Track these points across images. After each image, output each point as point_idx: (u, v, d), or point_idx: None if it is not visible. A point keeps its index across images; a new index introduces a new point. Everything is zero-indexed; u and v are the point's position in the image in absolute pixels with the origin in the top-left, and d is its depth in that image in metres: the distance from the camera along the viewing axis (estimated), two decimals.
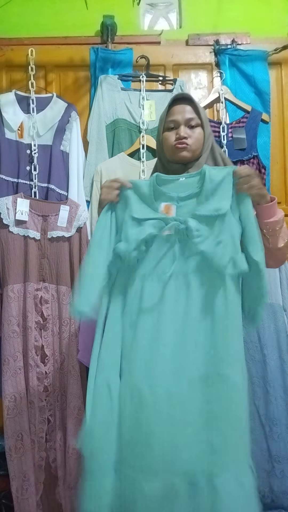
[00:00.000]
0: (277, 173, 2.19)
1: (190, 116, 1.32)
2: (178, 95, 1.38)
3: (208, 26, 2.25)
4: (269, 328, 1.85)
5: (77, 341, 1.81)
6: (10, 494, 1.74)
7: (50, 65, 2.16)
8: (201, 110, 1.34)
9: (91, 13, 2.05)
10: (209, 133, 1.36)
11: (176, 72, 2.22)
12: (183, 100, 1.35)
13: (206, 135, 1.34)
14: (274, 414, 1.79)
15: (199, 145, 1.33)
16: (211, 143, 1.37)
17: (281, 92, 2.22)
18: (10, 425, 1.73)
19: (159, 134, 1.38)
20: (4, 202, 1.85)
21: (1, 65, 2.15)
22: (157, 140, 1.41)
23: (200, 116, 1.33)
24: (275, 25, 2.25)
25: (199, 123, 1.33)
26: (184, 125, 1.32)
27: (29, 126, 2.02)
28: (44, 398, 1.80)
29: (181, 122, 1.32)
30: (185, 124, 1.32)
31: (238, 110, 2.12)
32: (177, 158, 1.33)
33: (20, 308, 1.83)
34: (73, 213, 1.91)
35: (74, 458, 1.75)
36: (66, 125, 2.04)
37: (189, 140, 1.31)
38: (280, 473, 1.76)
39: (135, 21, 2.28)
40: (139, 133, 2.05)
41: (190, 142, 1.31)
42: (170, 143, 1.33)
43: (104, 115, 2.06)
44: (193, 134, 1.32)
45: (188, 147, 1.31)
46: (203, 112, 1.35)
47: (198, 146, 1.33)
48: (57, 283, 1.87)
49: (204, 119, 1.34)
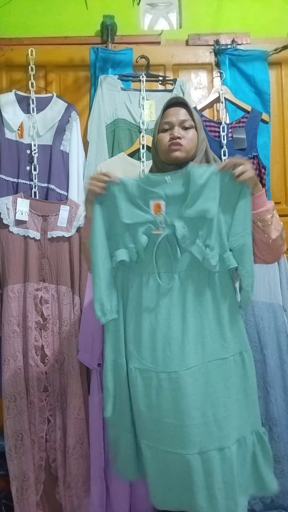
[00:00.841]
0: (277, 173, 2.19)
1: (184, 118, 1.35)
2: (173, 99, 1.40)
3: (208, 26, 2.25)
4: (269, 328, 1.85)
5: (77, 341, 1.81)
6: (10, 494, 1.74)
7: (50, 65, 2.16)
8: (195, 114, 1.37)
9: (91, 13, 2.05)
10: (203, 138, 1.38)
11: (176, 72, 2.21)
12: (178, 104, 1.38)
13: (200, 139, 1.36)
14: (274, 414, 1.79)
15: (193, 146, 1.35)
16: (205, 146, 1.39)
17: (281, 92, 2.21)
18: (10, 425, 1.73)
19: (154, 137, 1.40)
20: (4, 202, 1.85)
21: (1, 65, 2.14)
22: (152, 142, 1.43)
23: (194, 119, 1.36)
24: (275, 25, 2.25)
25: (193, 125, 1.36)
26: (178, 126, 1.34)
27: (29, 126, 2.02)
28: (44, 398, 1.80)
29: (175, 123, 1.35)
30: (179, 125, 1.34)
31: (238, 110, 2.12)
32: (171, 159, 1.35)
33: (20, 308, 1.83)
34: (73, 213, 1.91)
35: (74, 458, 1.75)
36: (66, 125, 2.04)
37: (183, 140, 1.33)
38: (280, 473, 1.76)
39: (135, 21, 2.28)
40: (139, 133, 2.05)
41: (184, 142, 1.33)
42: (164, 144, 1.35)
43: (104, 115, 2.06)
44: (187, 135, 1.34)
45: (182, 147, 1.33)
46: (196, 116, 1.38)
47: (192, 146, 1.35)
48: (57, 283, 1.87)
49: (197, 123, 1.36)
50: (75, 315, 1.85)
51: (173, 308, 1.26)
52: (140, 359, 1.27)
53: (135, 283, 1.31)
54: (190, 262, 1.26)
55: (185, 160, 1.34)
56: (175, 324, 1.25)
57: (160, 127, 1.38)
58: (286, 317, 1.89)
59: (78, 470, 1.76)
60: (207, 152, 1.40)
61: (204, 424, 1.22)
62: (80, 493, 1.76)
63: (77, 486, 1.76)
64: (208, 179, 1.22)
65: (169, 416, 1.23)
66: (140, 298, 1.29)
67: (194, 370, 1.23)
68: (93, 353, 1.76)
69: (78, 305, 1.87)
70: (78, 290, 1.88)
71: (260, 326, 1.85)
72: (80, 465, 1.76)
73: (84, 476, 1.76)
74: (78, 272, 1.89)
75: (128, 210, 1.27)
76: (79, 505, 1.75)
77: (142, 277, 1.30)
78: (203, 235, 1.24)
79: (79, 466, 1.76)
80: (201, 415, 1.22)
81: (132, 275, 1.32)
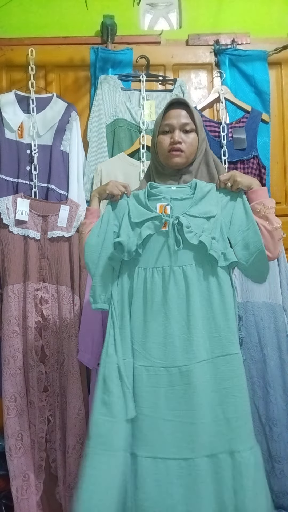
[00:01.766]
0: (277, 173, 2.19)
1: (185, 121, 1.34)
2: (174, 99, 1.39)
3: (208, 26, 2.26)
4: (269, 328, 1.85)
5: (77, 341, 1.81)
6: (10, 494, 1.74)
7: (50, 65, 2.16)
8: (196, 115, 1.36)
9: (91, 13, 2.05)
10: (203, 138, 1.38)
11: (176, 72, 2.22)
12: (179, 105, 1.37)
13: (200, 140, 1.36)
14: (274, 414, 1.79)
15: (193, 150, 1.35)
16: (204, 147, 1.39)
17: (281, 92, 2.22)
18: (10, 425, 1.73)
19: (154, 137, 1.40)
20: (4, 202, 1.85)
21: (1, 65, 2.15)
22: (152, 143, 1.42)
23: (195, 121, 1.35)
24: (275, 25, 2.26)
25: (194, 128, 1.35)
26: (179, 130, 1.34)
27: (29, 126, 2.02)
28: (44, 398, 1.80)
29: (176, 126, 1.34)
30: (180, 129, 1.34)
31: (238, 110, 2.12)
32: (170, 164, 1.36)
33: (20, 308, 1.83)
34: (73, 213, 1.91)
35: (74, 458, 1.75)
36: (66, 125, 2.04)
37: (183, 145, 1.33)
38: (280, 473, 1.76)
39: (135, 21, 2.28)
40: (139, 133, 2.06)
41: (184, 147, 1.33)
42: (164, 147, 1.35)
43: (104, 115, 2.06)
44: (187, 139, 1.34)
45: (182, 153, 1.33)
46: (198, 117, 1.37)
47: (192, 151, 1.35)
48: (57, 283, 1.87)
49: (198, 124, 1.36)
50: (75, 315, 1.85)
51: (179, 303, 1.26)
52: (147, 355, 1.25)
53: (139, 278, 1.31)
54: (194, 256, 1.27)
55: (185, 165, 1.36)
56: (182, 318, 1.25)
57: (160, 129, 1.37)
58: (286, 317, 1.89)
59: (78, 470, 1.75)
60: (207, 153, 1.40)
61: (214, 423, 1.19)
62: None
63: (77, 486, 1.75)
64: (209, 191, 1.32)
65: (178, 414, 1.20)
66: (145, 293, 1.29)
67: (203, 364, 1.22)
68: (93, 353, 1.76)
69: (78, 305, 1.87)
70: (78, 290, 1.88)
71: (260, 326, 1.85)
72: (80, 465, 1.76)
73: None
74: (78, 272, 1.89)
75: (136, 212, 1.33)
76: None
77: (146, 272, 1.30)
78: (208, 229, 1.27)
79: (79, 466, 1.75)
80: (211, 411, 1.20)
81: (136, 270, 1.32)
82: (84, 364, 1.81)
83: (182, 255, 1.28)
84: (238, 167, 2.04)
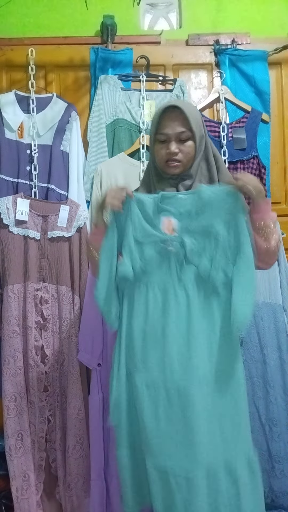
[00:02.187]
0: (277, 173, 2.19)
1: (180, 129, 1.30)
2: (168, 105, 1.33)
3: (208, 26, 2.25)
4: (269, 328, 1.85)
5: (77, 341, 1.81)
6: (10, 494, 1.74)
7: (50, 65, 2.16)
8: (191, 119, 1.30)
9: (91, 13, 2.05)
10: (202, 136, 1.35)
11: (176, 72, 2.21)
12: (174, 108, 1.31)
13: (197, 145, 1.33)
14: (274, 414, 1.79)
15: (190, 157, 1.33)
16: (204, 145, 1.36)
17: (281, 92, 2.22)
18: (10, 425, 1.73)
19: (151, 141, 1.37)
20: (4, 202, 1.85)
21: (1, 65, 2.14)
22: (150, 146, 1.40)
23: (191, 127, 1.30)
24: (275, 25, 2.26)
25: (190, 135, 1.31)
26: (175, 140, 1.31)
27: (29, 126, 2.02)
28: (44, 398, 1.81)
29: (171, 137, 1.31)
30: (176, 139, 1.31)
31: (238, 110, 2.12)
32: (169, 172, 1.35)
33: (20, 308, 1.83)
34: (73, 213, 1.91)
35: (74, 458, 1.75)
36: (66, 125, 2.04)
37: (180, 155, 1.31)
38: (280, 473, 1.76)
39: (135, 21, 2.28)
40: (139, 133, 2.06)
41: (181, 157, 1.32)
42: (161, 157, 1.34)
43: (104, 115, 2.06)
44: (184, 148, 1.31)
45: (180, 163, 1.32)
46: (194, 121, 1.31)
47: (190, 158, 1.33)
48: (57, 283, 1.87)
49: (195, 129, 1.31)
50: (75, 315, 1.85)
51: (179, 321, 1.25)
52: (146, 371, 1.26)
53: (141, 296, 1.30)
54: (196, 276, 1.27)
55: (183, 171, 1.34)
56: (181, 336, 1.24)
57: (157, 137, 1.34)
58: (286, 317, 1.89)
59: (78, 470, 1.76)
60: (207, 149, 1.37)
61: (211, 442, 1.20)
62: (80, 493, 1.76)
63: (77, 486, 1.76)
64: (214, 199, 1.27)
65: (176, 433, 1.21)
66: (146, 310, 1.28)
67: (201, 382, 1.22)
68: (93, 353, 1.76)
69: (78, 305, 1.87)
70: (78, 290, 1.88)
71: (260, 326, 1.85)
72: (80, 465, 1.76)
73: (84, 476, 1.76)
74: (78, 272, 1.89)
75: (141, 227, 1.30)
76: (79, 505, 1.75)
77: (148, 290, 1.29)
78: (209, 247, 1.26)
79: (79, 466, 1.76)
80: (209, 432, 1.20)
81: (138, 288, 1.31)
82: (84, 364, 1.81)
83: (185, 273, 1.27)
84: (238, 167, 2.04)
